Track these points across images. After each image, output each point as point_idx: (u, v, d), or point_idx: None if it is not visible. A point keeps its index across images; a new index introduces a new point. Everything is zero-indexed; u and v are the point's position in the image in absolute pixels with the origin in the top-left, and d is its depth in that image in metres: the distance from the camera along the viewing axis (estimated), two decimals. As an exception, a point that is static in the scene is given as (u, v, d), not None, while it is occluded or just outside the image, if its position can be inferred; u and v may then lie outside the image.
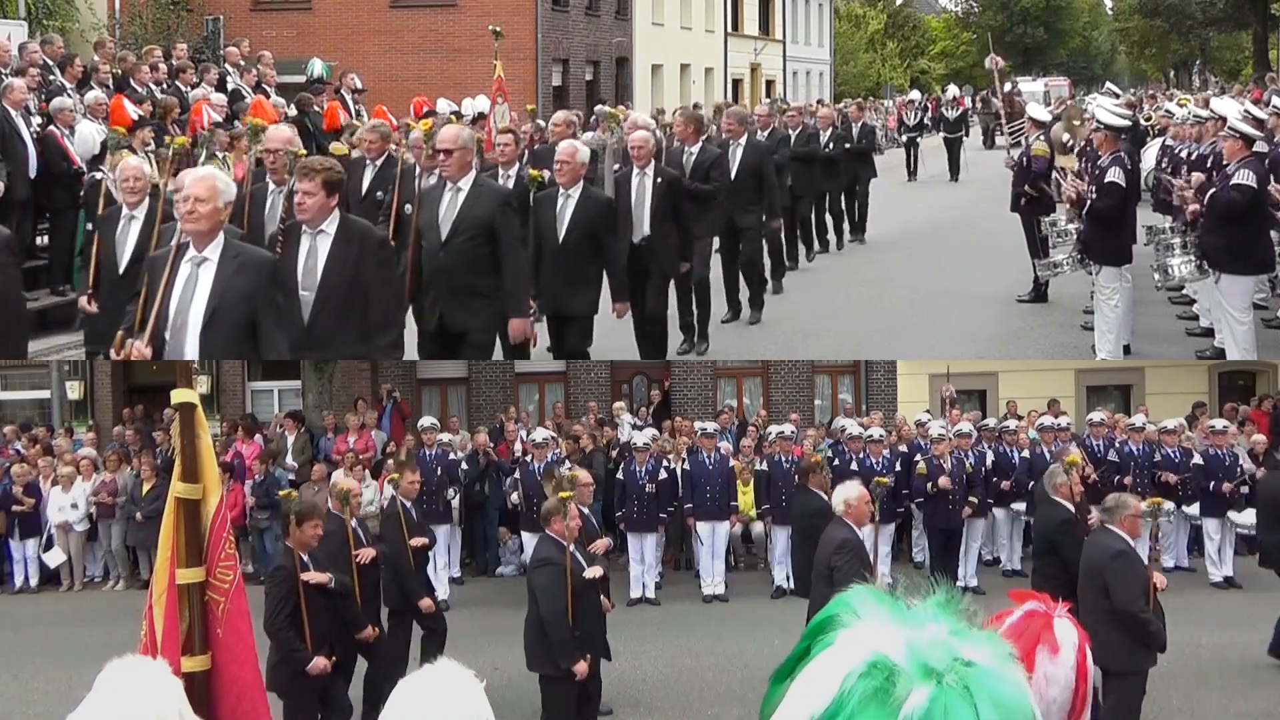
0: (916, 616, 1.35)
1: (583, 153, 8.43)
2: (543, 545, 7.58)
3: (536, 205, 8.53)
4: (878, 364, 18.61)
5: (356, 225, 6.37)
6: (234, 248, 5.60)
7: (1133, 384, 18.22)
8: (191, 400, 3.57)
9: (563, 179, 8.31)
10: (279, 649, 6.97)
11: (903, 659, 1.27)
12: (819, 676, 1.31)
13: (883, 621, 1.33)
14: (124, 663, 2.53)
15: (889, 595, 1.39)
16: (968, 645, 1.30)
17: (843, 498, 7.34)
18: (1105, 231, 9.66)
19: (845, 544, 7.06)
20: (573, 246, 8.23)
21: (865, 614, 1.36)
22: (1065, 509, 8.29)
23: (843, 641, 1.33)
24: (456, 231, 7.24)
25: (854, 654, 1.29)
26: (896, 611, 1.35)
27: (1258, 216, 9.22)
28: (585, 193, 8.36)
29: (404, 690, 2.26)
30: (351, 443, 14.98)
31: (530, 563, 7.58)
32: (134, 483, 14.12)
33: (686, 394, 18.76)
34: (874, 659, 1.28)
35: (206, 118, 12.56)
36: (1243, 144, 9.25)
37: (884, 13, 51.57)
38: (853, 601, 1.38)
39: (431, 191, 7.68)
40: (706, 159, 10.64)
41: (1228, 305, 9.36)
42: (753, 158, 11.47)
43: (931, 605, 1.36)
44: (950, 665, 1.26)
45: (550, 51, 25.87)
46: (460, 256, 7.20)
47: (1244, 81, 32.24)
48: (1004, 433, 13.59)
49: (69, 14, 19.52)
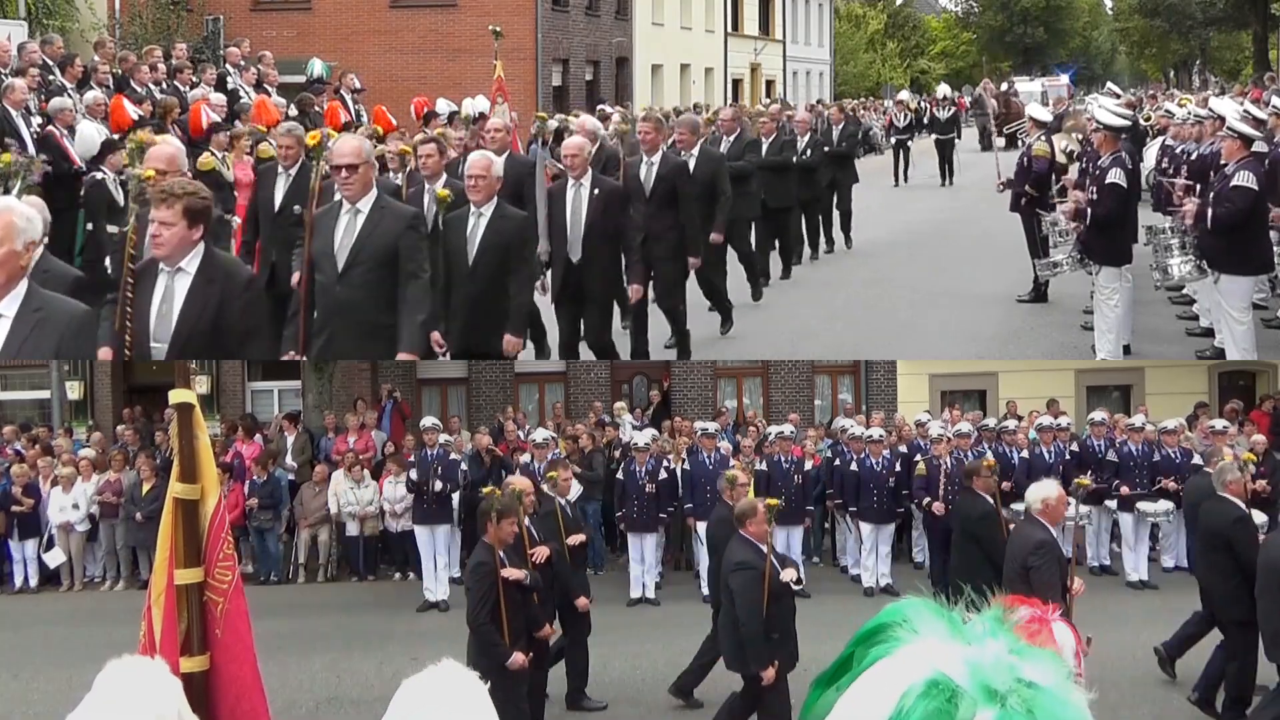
0: (974, 632, 1.30)
1: (497, 165, 7.53)
2: (740, 548, 7.36)
3: (445, 228, 7.60)
4: (878, 364, 18.63)
5: (221, 262, 5.35)
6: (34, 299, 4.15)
7: (1133, 384, 18.22)
8: (189, 400, 3.57)
9: (476, 195, 7.36)
10: (480, 644, 7.07)
11: (964, 679, 1.22)
12: (874, 691, 1.26)
13: (941, 637, 1.29)
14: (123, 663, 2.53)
15: (945, 608, 1.35)
16: (1029, 665, 1.25)
17: (1040, 496, 7.26)
18: (1105, 232, 9.66)
19: (1043, 545, 6.97)
20: (484, 273, 7.29)
21: (922, 628, 1.31)
22: (1238, 506, 8.17)
23: (901, 656, 1.28)
24: (355, 261, 6.31)
25: (913, 671, 1.25)
26: (954, 626, 1.31)
27: (1257, 217, 9.21)
28: (499, 211, 7.41)
29: (408, 691, 2.26)
30: (351, 443, 14.99)
31: (727, 565, 7.39)
32: (133, 483, 14.12)
33: (686, 394, 18.78)
34: (935, 678, 1.23)
35: (205, 118, 12.56)
36: (1241, 144, 9.24)
37: (884, 13, 51.55)
38: (908, 613, 1.34)
39: (326, 215, 6.59)
40: (670, 170, 9.63)
41: (1227, 305, 9.36)
42: (706, 168, 10.40)
43: (988, 620, 1.32)
44: (1013, 687, 1.22)
45: (550, 51, 25.87)
46: (359, 290, 6.29)
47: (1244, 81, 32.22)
48: (1004, 433, 13.59)
49: (69, 14, 19.55)
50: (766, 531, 7.34)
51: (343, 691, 9.45)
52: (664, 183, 9.54)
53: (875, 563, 12.70)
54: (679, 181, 9.61)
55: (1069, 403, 17.05)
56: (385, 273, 6.30)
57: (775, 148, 13.48)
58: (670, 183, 9.54)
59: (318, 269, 6.50)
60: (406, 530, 13.29)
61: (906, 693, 1.22)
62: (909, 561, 13.61)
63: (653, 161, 9.66)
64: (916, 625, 1.31)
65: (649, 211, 9.42)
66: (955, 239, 16.53)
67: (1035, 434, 13.44)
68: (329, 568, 14.27)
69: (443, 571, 12.63)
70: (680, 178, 9.64)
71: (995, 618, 1.33)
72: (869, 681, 1.28)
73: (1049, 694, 1.24)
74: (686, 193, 9.61)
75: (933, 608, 1.33)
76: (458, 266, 7.35)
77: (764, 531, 7.31)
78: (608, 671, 9.79)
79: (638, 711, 8.91)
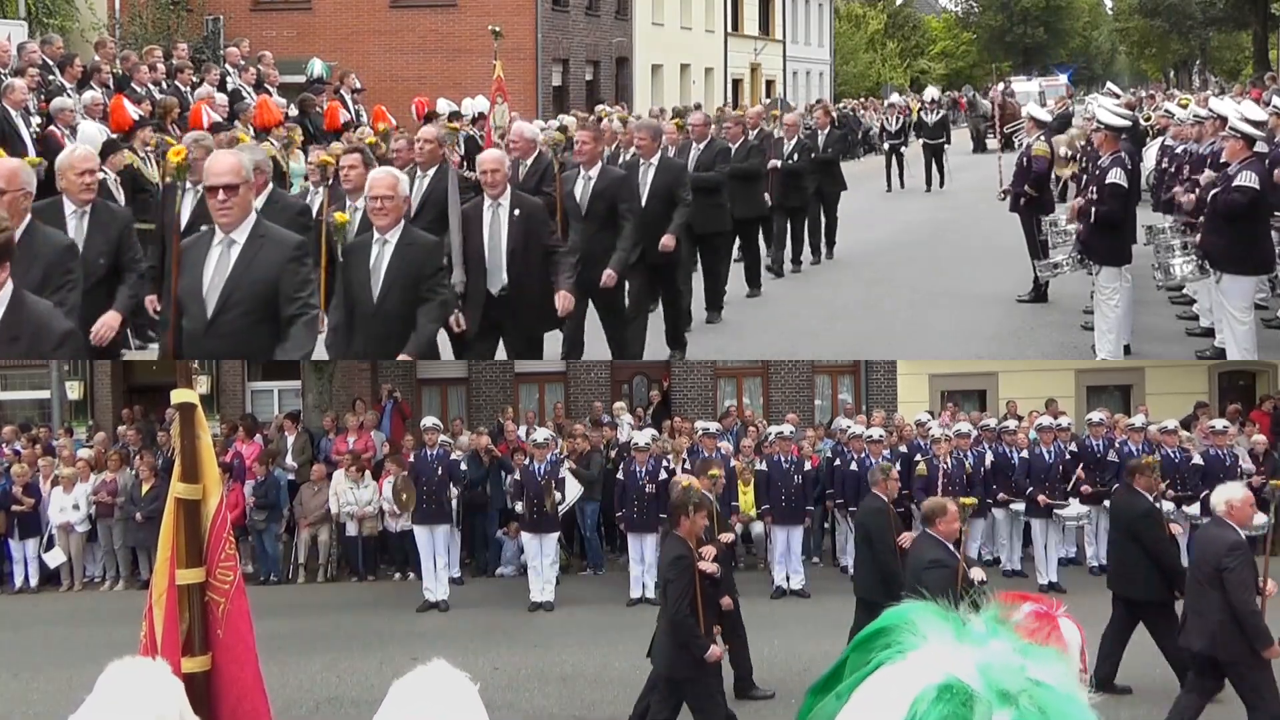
0: (978, 634, 1.29)
1: (403, 183, 6.56)
2: (931, 546, 7.29)
3: (346, 259, 6.67)
4: (878, 364, 18.62)
5: (33, 310, 4.36)
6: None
7: (1133, 384, 18.22)
8: (191, 400, 3.57)
9: (381, 220, 6.37)
10: (681, 636, 7.09)
11: (977, 682, 1.21)
12: (884, 697, 1.25)
13: (947, 640, 1.27)
14: (125, 663, 2.53)
15: (947, 610, 1.33)
16: (1035, 665, 1.25)
17: (1224, 498, 7.22)
18: (1105, 232, 9.66)
19: (1237, 547, 6.95)
20: (393, 310, 6.32)
21: (928, 632, 1.29)
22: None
23: (912, 661, 1.26)
24: (227, 305, 5.31)
25: (923, 675, 1.22)
26: (959, 629, 1.29)
27: (1259, 217, 9.22)
28: (406, 237, 6.41)
29: (398, 692, 2.26)
30: (351, 443, 14.99)
31: (921, 564, 7.26)
32: (133, 483, 14.12)
33: (686, 394, 18.78)
34: (947, 682, 1.21)
35: (207, 118, 12.57)
36: (1244, 144, 9.26)
37: (884, 13, 51.53)
38: (912, 617, 1.33)
39: (195, 247, 5.50)
40: (609, 185, 8.57)
41: (1229, 305, 9.36)
42: (666, 178, 9.46)
43: (988, 621, 1.31)
44: (1024, 687, 1.21)
45: (550, 51, 25.86)
46: (227, 340, 5.40)
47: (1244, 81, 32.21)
48: (1004, 433, 13.59)
49: (69, 14, 19.55)
50: (957, 530, 7.32)
51: (343, 691, 9.46)
52: (601, 199, 8.52)
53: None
54: (620, 197, 8.53)
55: (1069, 403, 17.04)
56: (263, 315, 5.29)
57: (741, 154, 12.47)
58: (609, 199, 8.51)
59: (185, 313, 5.43)
60: (406, 530, 13.28)
61: (919, 698, 1.20)
62: (909, 561, 13.61)
63: (590, 175, 8.60)
64: (922, 629, 1.29)
65: (588, 231, 8.50)
66: (955, 239, 16.52)
67: (1035, 434, 13.44)
68: (329, 568, 14.26)
69: (442, 571, 12.61)
70: (622, 192, 8.57)
71: (994, 618, 1.32)
72: (877, 688, 1.26)
73: (1058, 693, 1.23)
74: (628, 210, 8.54)
75: (936, 611, 1.32)
76: (361, 302, 6.39)
77: (954, 530, 7.29)
78: (608, 671, 9.80)
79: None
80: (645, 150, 9.64)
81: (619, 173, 9.00)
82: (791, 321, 11.90)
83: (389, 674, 2.25)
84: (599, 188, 8.54)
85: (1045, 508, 12.62)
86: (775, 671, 9.38)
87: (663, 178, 9.50)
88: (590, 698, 9.21)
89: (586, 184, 8.60)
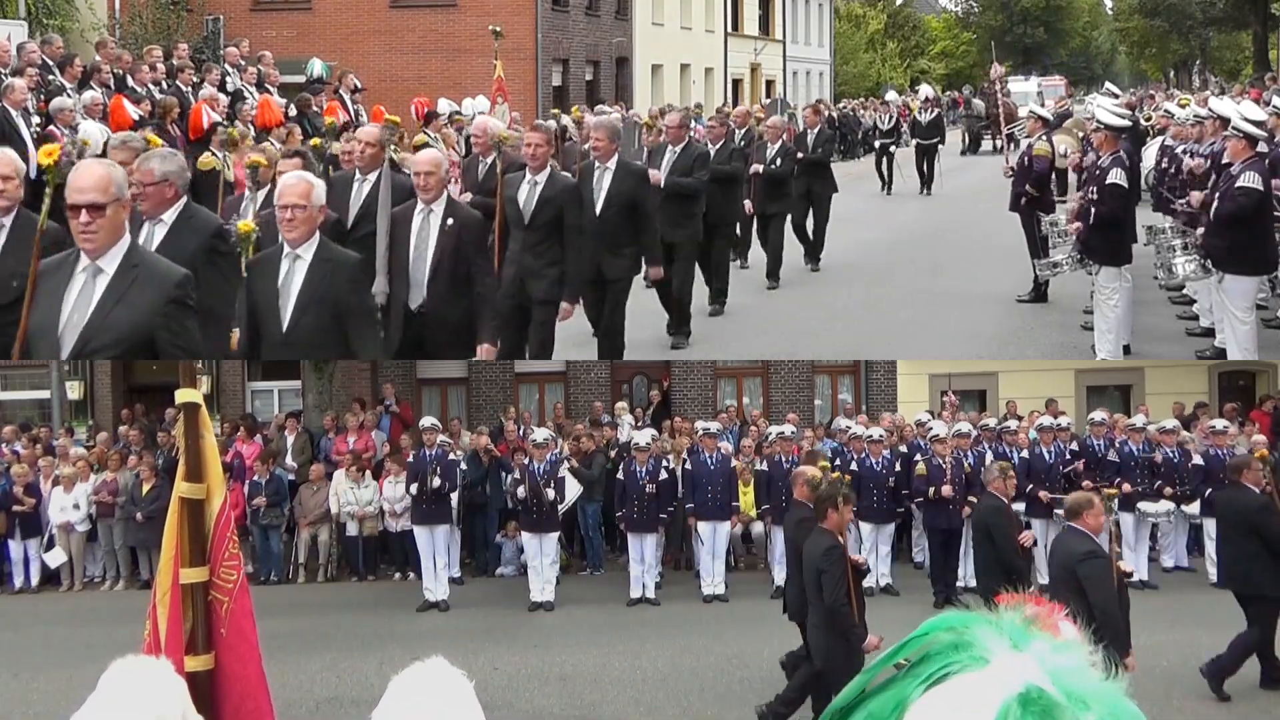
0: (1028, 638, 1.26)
1: (318, 191, 5.55)
2: (1080, 540, 7.18)
3: (250, 276, 5.74)
4: (878, 364, 18.63)
5: None
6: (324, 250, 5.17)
7: (1133, 384, 18.23)
8: (195, 400, 3.57)
9: (292, 234, 5.46)
10: (839, 626, 7.22)
11: (1053, 687, 1.18)
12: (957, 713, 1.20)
13: (1004, 647, 1.24)
14: (127, 662, 2.53)
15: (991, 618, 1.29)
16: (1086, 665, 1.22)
17: None
18: (1105, 231, 9.67)
19: None
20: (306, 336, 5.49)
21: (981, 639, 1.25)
22: None
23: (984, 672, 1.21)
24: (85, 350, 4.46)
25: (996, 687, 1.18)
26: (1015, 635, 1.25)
27: (1262, 217, 9.23)
28: (322, 252, 5.52)
29: (394, 689, 2.27)
30: (351, 443, 14.99)
31: (1071, 557, 7.16)
32: (134, 483, 14.13)
33: (686, 394, 18.79)
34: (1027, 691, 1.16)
35: (207, 118, 12.57)
36: (1246, 144, 9.26)
37: (884, 13, 51.52)
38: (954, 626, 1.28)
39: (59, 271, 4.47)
40: (558, 192, 7.85)
41: (1230, 305, 9.37)
42: (625, 184, 8.76)
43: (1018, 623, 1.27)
44: (1092, 689, 1.19)
45: (550, 51, 25.87)
46: None
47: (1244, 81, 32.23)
48: (1004, 433, 13.60)
49: (69, 14, 19.54)
50: (1103, 523, 7.29)
51: (342, 691, 9.46)
52: (549, 207, 7.81)
53: (875, 563, 12.70)
54: (567, 207, 7.85)
55: (1069, 403, 17.06)
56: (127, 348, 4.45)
57: (723, 156, 11.76)
58: (556, 207, 7.81)
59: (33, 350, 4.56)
60: (406, 530, 13.29)
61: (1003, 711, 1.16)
62: (909, 561, 13.63)
63: (537, 180, 7.87)
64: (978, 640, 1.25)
65: (528, 241, 7.85)
66: (955, 239, 16.52)
67: (1035, 434, 13.45)
68: (329, 568, 14.27)
69: (442, 571, 12.61)
70: (569, 204, 7.88)
71: (1022, 619, 1.29)
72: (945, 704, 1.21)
73: (1113, 693, 1.21)
74: (573, 224, 7.88)
75: (981, 619, 1.28)
76: (269, 329, 5.52)
77: (1101, 523, 7.25)
78: (608, 671, 9.81)
79: (639, 711, 8.91)
80: (602, 153, 8.80)
81: (568, 181, 8.25)
82: (791, 321, 11.90)
83: (389, 674, 2.26)
84: (546, 194, 7.82)
85: (1046, 507, 12.62)
86: (775, 672, 9.38)
87: (621, 183, 8.76)
88: (590, 698, 9.21)
89: (533, 189, 7.87)
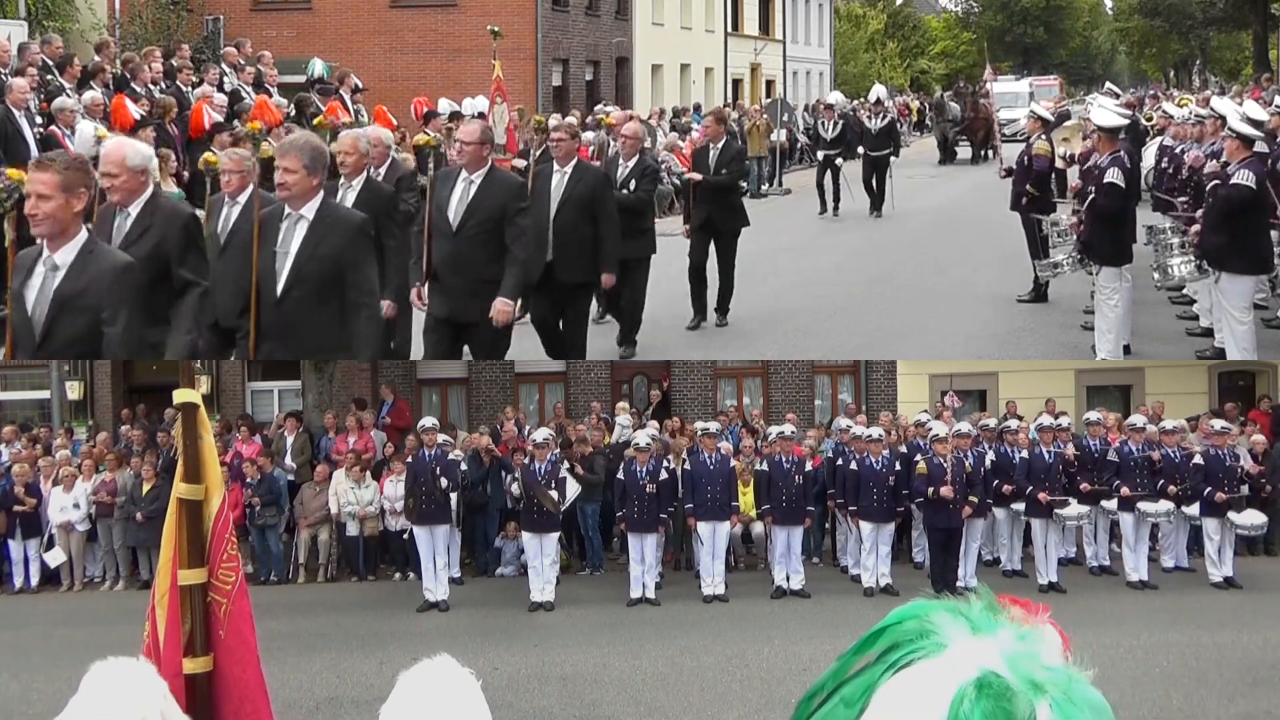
0: (988, 625, 1.27)
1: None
2: None
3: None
4: (878, 364, 18.62)
5: None
6: None
7: (1133, 384, 18.22)
8: (194, 400, 3.57)
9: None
10: None
11: (1009, 674, 1.18)
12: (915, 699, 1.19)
13: (964, 634, 1.25)
14: (108, 664, 2.54)
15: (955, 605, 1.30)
16: (1045, 651, 1.22)
17: None
18: (1105, 231, 9.67)
19: None
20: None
21: (948, 630, 1.26)
22: None
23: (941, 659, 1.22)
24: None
25: (953, 673, 1.18)
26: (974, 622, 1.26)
27: (1258, 216, 9.23)
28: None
29: (401, 687, 2.27)
30: (351, 443, 14.99)
31: None
32: (134, 483, 14.13)
33: (686, 394, 18.78)
34: (983, 677, 1.18)
35: (207, 118, 12.57)
36: (1242, 144, 9.27)
37: (884, 13, 51.52)
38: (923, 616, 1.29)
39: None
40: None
41: (1228, 305, 9.37)
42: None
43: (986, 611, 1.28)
44: (1049, 675, 1.19)
45: (550, 51, 25.87)
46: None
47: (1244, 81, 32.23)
48: (1004, 433, 13.59)
49: (69, 14, 19.53)
50: None
51: (342, 691, 9.46)
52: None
53: (875, 562, 12.71)
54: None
55: (1069, 403, 17.05)
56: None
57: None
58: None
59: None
60: (406, 529, 13.27)
61: (958, 697, 1.16)
62: (909, 561, 13.63)
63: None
64: (940, 627, 1.25)
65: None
66: (955, 239, 16.52)
67: (1035, 434, 13.45)
68: (329, 568, 14.27)
69: (442, 572, 12.60)
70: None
71: (991, 607, 1.29)
72: (903, 690, 1.21)
73: (1074, 678, 1.21)
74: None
75: (944, 606, 1.29)
76: None
77: None
78: (608, 671, 9.81)
79: (639, 711, 8.91)
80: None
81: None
82: (791, 321, 11.91)
83: (389, 674, 2.26)
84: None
85: (1046, 507, 12.62)
86: (775, 672, 9.39)
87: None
88: (590, 698, 9.21)
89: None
